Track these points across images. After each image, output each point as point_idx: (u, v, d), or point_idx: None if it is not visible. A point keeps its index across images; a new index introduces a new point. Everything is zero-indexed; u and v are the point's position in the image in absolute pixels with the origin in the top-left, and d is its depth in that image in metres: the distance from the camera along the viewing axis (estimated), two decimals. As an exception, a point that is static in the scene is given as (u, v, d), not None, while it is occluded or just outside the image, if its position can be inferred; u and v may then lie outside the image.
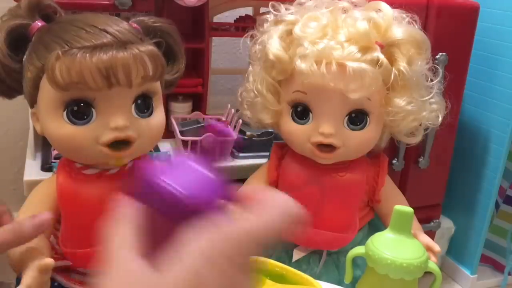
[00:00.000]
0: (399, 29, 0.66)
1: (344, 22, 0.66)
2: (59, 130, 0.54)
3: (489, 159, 1.00)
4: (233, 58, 1.24)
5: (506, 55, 0.95)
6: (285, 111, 0.70)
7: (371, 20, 0.65)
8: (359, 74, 0.62)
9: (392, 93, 0.67)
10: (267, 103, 0.71)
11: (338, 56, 0.63)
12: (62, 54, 0.50)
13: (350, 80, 0.63)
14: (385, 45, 0.66)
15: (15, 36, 0.55)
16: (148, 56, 0.53)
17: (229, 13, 1.00)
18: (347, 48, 0.63)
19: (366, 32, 0.64)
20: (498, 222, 1.11)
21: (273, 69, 0.69)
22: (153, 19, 0.60)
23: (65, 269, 0.62)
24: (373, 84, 0.64)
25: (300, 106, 0.69)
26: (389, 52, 0.66)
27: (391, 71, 0.65)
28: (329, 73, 0.63)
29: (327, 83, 0.63)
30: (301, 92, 0.67)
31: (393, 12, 0.68)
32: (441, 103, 0.72)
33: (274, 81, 0.70)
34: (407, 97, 0.67)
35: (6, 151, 1.14)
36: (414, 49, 0.67)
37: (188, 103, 0.93)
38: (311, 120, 0.68)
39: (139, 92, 0.56)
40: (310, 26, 0.66)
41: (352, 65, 0.62)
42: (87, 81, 0.50)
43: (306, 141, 0.69)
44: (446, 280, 1.09)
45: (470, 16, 0.89)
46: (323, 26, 0.66)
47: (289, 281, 0.53)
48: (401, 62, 0.66)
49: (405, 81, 0.66)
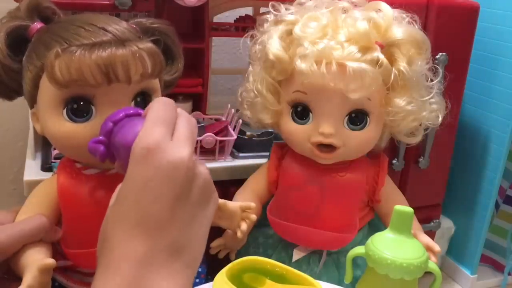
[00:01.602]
0: (399, 29, 0.66)
1: (344, 22, 0.66)
2: (59, 128, 0.54)
3: (489, 159, 1.00)
4: (233, 58, 1.24)
5: (506, 55, 0.95)
6: (285, 111, 0.70)
7: (371, 20, 0.65)
8: (359, 74, 0.63)
9: (392, 93, 0.68)
10: (267, 103, 0.71)
11: (338, 56, 0.63)
12: (62, 51, 0.50)
13: (350, 80, 0.63)
14: (385, 45, 0.66)
15: (14, 37, 0.55)
16: (147, 53, 0.53)
17: (229, 13, 1.00)
18: (347, 48, 0.63)
19: (366, 32, 0.64)
20: (498, 222, 1.11)
21: (273, 69, 0.69)
22: (150, 20, 0.61)
23: (66, 269, 0.62)
24: (373, 84, 0.64)
25: (300, 106, 0.69)
26: (389, 52, 0.66)
27: (391, 71, 0.65)
28: (329, 73, 0.63)
29: (327, 83, 0.63)
30: (301, 92, 0.67)
31: (393, 12, 0.68)
32: (441, 103, 0.73)
33: (274, 81, 0.70)
34: (407, 97, 0.67)
35: (6, 151, 1.14)
36: (414, 49, 0.67)
37: (188, 103, 0.93)
38: (311, 120, 0.68)
39: (138, 90, 0.56)
40: (310, 26, 0.66)
41: (352, 65, 0.62)
42: (86, 78, 0.50)
43: (306, 141, 0.69)
44: (446, 280, 1.09)
45: (470, 16, 0.89)
46: (323, 26, 0.66)
47: (289, 281, 0.53)
48: (401, 62, 0.66)
49: (405, 81, 0.66)
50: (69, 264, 0.61)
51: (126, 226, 0.37)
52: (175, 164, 0.37)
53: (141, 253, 0.36)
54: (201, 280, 0.71)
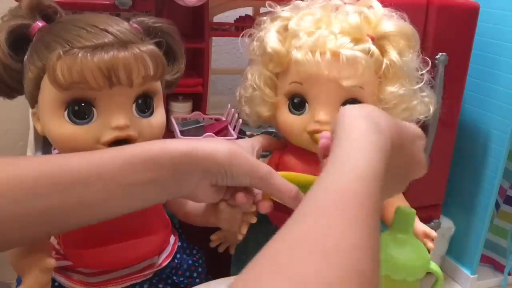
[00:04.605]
0: (389, 22, 0.69)
1: (336, 17, 0.69)
2: (60, 129, 0.54)
3: (489, 159, 1.00)
4: (233, 58, 1.24)
5: (506, 55, 0.95)
6: (282, 103, 0.72)
7: (362, 14, 0.68)
8: (352, 62, 0.65)
9: (384, 81, 0.70)
10: (265, 96, 0.73)
11: (332, 46, 0.65)
12: (63, 54, 0.50)
13: (344, 68, 0.65)
14: (376, 38, 0.68)
15: (16, 36, 0.55)
16: (149, 55, 0.53)
17: (229, 13, 1.00)
18: (340, 39, 0.66)
19: (358, 25, 0.67)
20: (498, 222, 1.11)
21: (271, 62, 0.71)
22: (153, 20, 0.60)
23: (66, 269, 0.62)
24: (365, 72, 0.66)
25: (297, 98, 0.70)
26: (379, 44, 0.68)
27: (382, 61, 0.68)
28: (323, 61, 0.65)
29: (321, 72, 0.65)
30: (297, 83, 0.69)
31: (383, 9, 0.70)
32: (431, 96, 0.74)
33: (271, 74, 0.72)
34: (398, 84, 0.69)
35: (6, 151, 1.14)
36: (404, 41, 0.69)
37: (188, 103, 0.93)
38: (307, 110, 0.70)
39: (139, 92, 0.56)
40: (305, 20, 0.69)
41: (346, 53, 0.64)
42: (88, 80, 0.50)
43: (303, 130, 0.70)
44: (446, 280, 1.09)
45: (470, 16, 0.89)
46: (317, 20, 0.68)
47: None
48: (391, 53, 0.68)
49: (396, 70, 0.68)
50: (69, 264, 0.61)
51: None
52: None
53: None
54: (201, 280, 0.71)
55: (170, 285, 0.68)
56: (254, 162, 0.52)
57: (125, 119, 0.54)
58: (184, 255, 0.71)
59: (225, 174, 0.51)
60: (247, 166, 0.51)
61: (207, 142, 0.51)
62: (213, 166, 0.50)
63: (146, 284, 0.66)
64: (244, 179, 0.52)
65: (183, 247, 0.71)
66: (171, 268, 0.69)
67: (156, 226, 0.64)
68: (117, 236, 0.59)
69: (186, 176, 0.50)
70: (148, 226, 0.63)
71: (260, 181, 0.52)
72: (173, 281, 0.69)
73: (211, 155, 0.50)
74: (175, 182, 0.50)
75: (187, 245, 0.73)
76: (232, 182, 0.52)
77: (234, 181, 0.52)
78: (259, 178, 0.52)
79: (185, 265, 0.70)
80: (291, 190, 0.52)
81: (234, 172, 0.51)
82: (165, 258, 0.67)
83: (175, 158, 0.48)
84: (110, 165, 0.47)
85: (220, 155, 0.50)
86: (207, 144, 0.50)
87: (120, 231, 0.59)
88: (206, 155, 0.49)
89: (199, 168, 0.50)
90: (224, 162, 0.50)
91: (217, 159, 0.50)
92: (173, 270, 0.69)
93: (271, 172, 0.52)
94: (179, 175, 0.49)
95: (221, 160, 0.50)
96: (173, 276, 0.69)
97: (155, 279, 0.67)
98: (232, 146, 0.51)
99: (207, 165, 0.50)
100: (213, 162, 0.50)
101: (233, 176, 0.51)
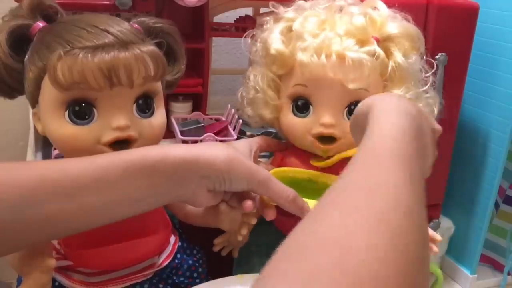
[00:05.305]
0: (394, 24, 0.69)
1: (340, 19, 0.68)
2: (60, 130, 0.54)
3: (489, 159, 1.00)
4: (233, 58, 1.24)
5: (506, 55, 0.95)
6: (285, 106, 0.71)
7: (367, 15, 0.68)
8: (358, 64, 0.64)
9: (390, 84, 0.69)
10: (268, 98, 0.72)
11: (337, 48, 0.65)
12: (64, 54, 0.50)
13: (349, 70, 0.64)
14: (381, 40, 0.68)
15: (16, 36, 0.55)
16: (149, 56, 0.53)
17: (229, 13, 1.00)
18: (345, 41, 0.65)
19: (363, 27, 0.66)
20: (498, 222, 1.11)
21: (274, 64, 0.70)
22: (154, 20, 0.60)
23: (66, 269, 0.62)
24: (371, 74, 0.65)
25: (301, 100, 0.70)
26: (384, 46, 0.68)
27: (387, 63, 0.67)
28: (329, 63, 0.64)
29: (326, 74, 0.65)
30: (301, 85, 0.69)
31: (388, 10, 0.70)
32: (435, 98, 0.74)
33: (274, 76, 0.72)
34: (404, 87, 0.69)
35: (6, 151, 1.14)
36: (408, 43, 0.69)
37: (188, 103, 0.93)
38: (311, 113, 0.69)
39: (140, 92, 0.56)
40: (310, 21, 0.68)
41: (352, 55, 0.64)
42: (89, 81, 0.51)
43: (307, 133, 0.70)
44: (445, 280, 1.09)
45: (470, 16, 0.89)
46: (321, 21, 0.68)
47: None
48: (397, 55, 0.68)
49: (402, 72, 0.68)
50: (69, 264, 0.61)
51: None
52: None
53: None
54: (201, 280, 0.71)
55: (170, 285, 0.69)
56: (252, 167, 0.52)
57: (126, 120, 0.55)
58: (185, 255, 0.71)
59: (223, 181, 0.51)
60: (245, 172, 0.51)
61: (206, 148, 0.51)
62: (212, 173, 0.50)
63: (147, 284, 0.66)
64: (242, 184, 0.52)
65: (183, 247, 0.72)
66: (171, 268, 0.69)
67: (156, 226, 0.64)
68: (117, 236, 0.59)
69: (185, 182, 0.50)
70: (148, 226, 0.63)
71: (258, 186, 0.52)
72: (173, 281, 0.69)
73: (211, 162, 0.50)
74: (174, 188, 0.50)
75: (187, 245, 0.73)
76: (230, 188, 0.52)
77: (232, 187, 0.52)
78: (257, 183, 0.52)
79: (186, 265, 0.70)
80: (289, 195, 0.53)
81: (233, 178, 0.51)
82: (165, 258, 0.67)
83: (175, 164, 0.49)
84: (110, 170, 0.47)
85: (220, 162, 0.50)
86: (207, 151, 0.50)
87: (120, 231, 0.59)
88: (207, 162, 0.50)
89: (198, 174, 0.50)
90: (223, 168, 0.50)
91: (217, 166, 0.50)
92: (173, 270, 0.69)
93: (269, 177, 0.52)
94: (178, 181, 0.50)
95: (220, 167, 0.50)
96: (174, 276, 0.69)
97: (156, 279, 0.67)
98: (230, 151, 0.51)
99: (207, 172, 0.50)
100: (213, 169, 0.50)
101: (231, 182, 0.51)
